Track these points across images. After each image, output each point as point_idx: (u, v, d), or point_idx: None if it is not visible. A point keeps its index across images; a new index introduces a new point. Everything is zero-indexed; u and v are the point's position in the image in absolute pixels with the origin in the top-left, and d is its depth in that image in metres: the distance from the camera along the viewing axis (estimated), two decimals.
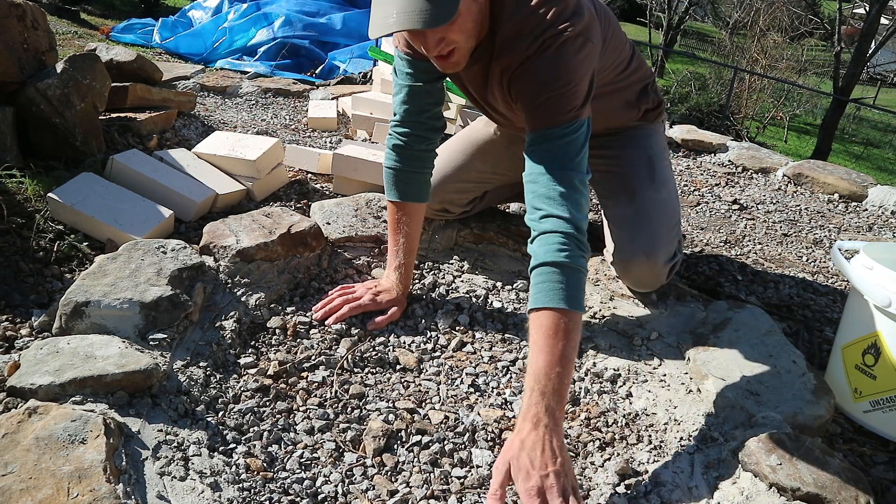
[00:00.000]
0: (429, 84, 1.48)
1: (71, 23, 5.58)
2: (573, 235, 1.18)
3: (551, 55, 1.25)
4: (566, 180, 1.22)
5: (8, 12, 1.90)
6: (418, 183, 1.55)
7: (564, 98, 1.25)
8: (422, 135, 1.52)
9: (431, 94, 1.50)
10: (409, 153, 1.53)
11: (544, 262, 1.17)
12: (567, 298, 1.13)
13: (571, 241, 1.17)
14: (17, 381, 1.11)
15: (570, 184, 1.22)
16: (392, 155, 1.54)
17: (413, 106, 1.49)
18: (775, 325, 1.53)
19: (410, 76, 1.47)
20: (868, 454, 1.36)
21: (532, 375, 1.10)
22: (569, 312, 1.13)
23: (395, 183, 1.54)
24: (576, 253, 1.17)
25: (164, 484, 1.02)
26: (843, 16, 11.87)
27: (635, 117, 1.70)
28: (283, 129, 3.09)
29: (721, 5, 19.03)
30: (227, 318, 1.41)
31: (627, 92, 1.66)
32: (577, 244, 1.18)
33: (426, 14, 1.12)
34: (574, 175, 1.23)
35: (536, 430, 1.06)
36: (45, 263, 1.60)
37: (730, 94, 9.43)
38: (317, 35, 5.07)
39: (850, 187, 2.88)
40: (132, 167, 1.93)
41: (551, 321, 1.12)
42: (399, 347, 1.46)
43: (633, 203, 1.61)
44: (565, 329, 1.11)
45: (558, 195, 1.21)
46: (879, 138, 15.60)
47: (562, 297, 1.13)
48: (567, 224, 1.19)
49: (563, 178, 1.22)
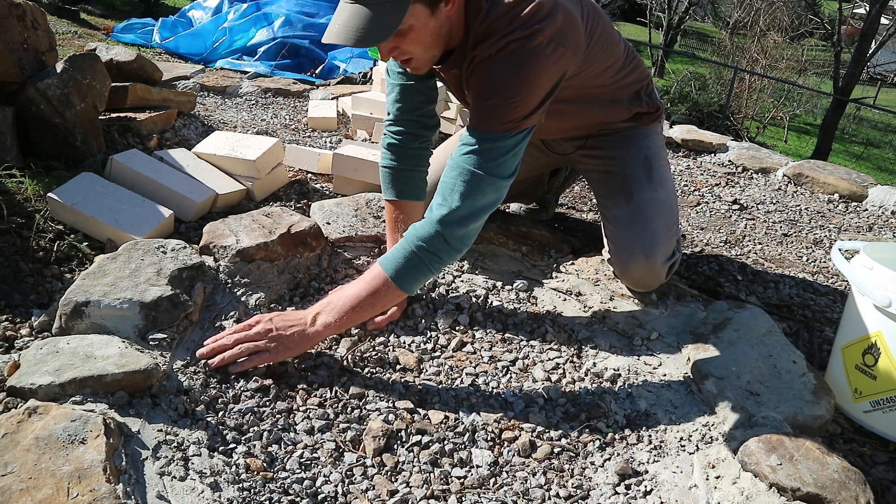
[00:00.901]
0: (420, 82, 1.50)
1: (71, 23, 5.58)
2: (440, 235, 1.28)
3: (512, 59, 1.26)
4: (475, 180, 1.28)
5: (8, 12, 1.90)
6: (414, 181, 1.57)
7: (510, 108, 1.27)
8: (416, 132, 1.54)
9: (423, 92, 1.52)
10: (404, 151, 1.54)
11: (406, 240, 1.31)
12: (397, 274, 1.29)
13: (436, 238, 1.28)
14: (17, 381, 1.11)
15: (476, 185, 1.28)
16: (387, 154, 1.55)
17: (406, 104, 1.52)
18: (775, 325, 1.53)
19: (402, 75, 1.50)
20: (868, 454, 1.36)
21: (338, 292, 1.36)
22: (391, 284, 1.30)
23: (391, 181, 1.55)
24: (432, 247, 1.28)
25: (164, 484, 1.02)
26: (843, 16, 11.87)
27: (625, 117, 1.67)
28: (283, 129, 3.09)
29: (721, 5, 19.04)
30: (227, 318, 1.41)
31: (617, 94, 1.62)
32: (442, 241, 1.28)
33: (360, 32, 1.17)
34: (486, 178, 1.28)
35: (301, 314, 1.33)
36: (45, 263, 1.60)
37: (730, 94, 9.43)
38: (317, 35, 5.06)
39: (850, 187, 2.88)
40: (132, 167, 1.93)
41: (379, 278, 1.31)
42: (399, 347, 1.46)
43: (631, 203, 1.61)
44: (380, 290, 1.31)
45: (453, 190, 1.28)
46: (879, 138, 15.60)
47: (396, 272, 1.29)
48: (442, 225, 1.28)
49: (473, 177, 1.28)
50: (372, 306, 1.33)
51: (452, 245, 1.29)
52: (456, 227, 1.29)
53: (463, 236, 1.30)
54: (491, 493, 1.13)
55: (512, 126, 1.28)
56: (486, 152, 1.28)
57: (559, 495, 1.14)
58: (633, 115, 1.68)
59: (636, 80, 1.65)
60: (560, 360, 1.47)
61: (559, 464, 1.20)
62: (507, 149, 1.29)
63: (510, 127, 1.28)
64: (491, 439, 1.24)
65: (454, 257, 1.32)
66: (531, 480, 1.16)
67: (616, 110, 1.65)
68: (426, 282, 1.42)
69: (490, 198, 1.30)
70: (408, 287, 1.32)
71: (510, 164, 1.31)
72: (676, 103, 11.15)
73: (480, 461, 1.18)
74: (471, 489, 1.13)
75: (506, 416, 1.29)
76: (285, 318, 1.33)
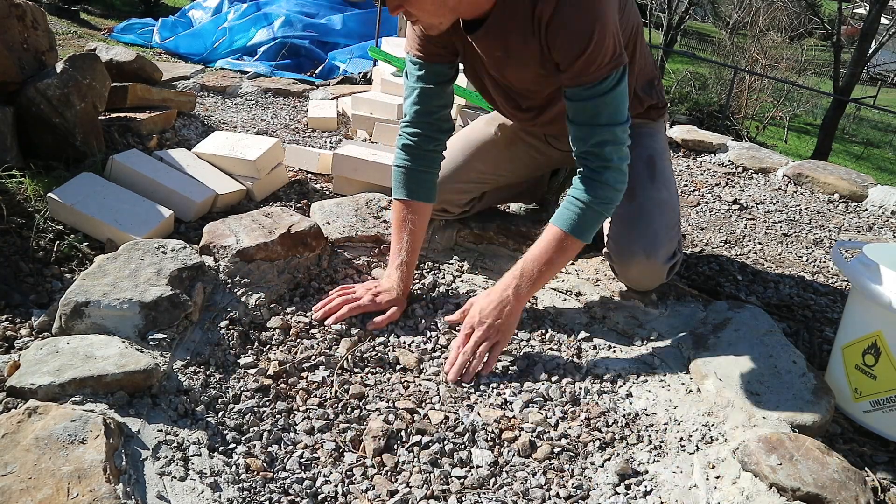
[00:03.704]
0: (438, 87, 1.54)
1: (71, 23, 5.58)
2: (602, 181, 1.39)
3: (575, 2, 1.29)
4: (601, 135, 1.38)
5: (8, 12, 1.90)
6: (427, 182, 1.58)
7: (601, 47, 1.31)
8: (431, 135, 1.56)
9: (441, 96, 1.55)
10: (418, 153, 1.56)
11: (571, 196, 1.42)
12: (574, 228, 1.40)
13: (599, 184, 1.39)
14: (17, 381, 1.11)
15: (611, 135, 1.38)
16: (402, 154, 1.57)
17: (423, 107, 1.54)
18: (775, 325, 1.52)
19: (421, 79, 1.52)
20: (868, 454, 1.36)
21: (523, 261, 1.44)
22: (572, 238, 1.41)
23: (404, 181, 1.57)
24: (598, 196, 1.39)
25: (164, 484, 1.02)
26: (842, 16, 11.87)
27: (637, 110, 1.69)
28: (283, 129, 3.09)
29: (721, 5, 19.03)
30: (227, 318, 1.41)
31: (634, 81, 1.64)
32: (603, 186, 1.39)
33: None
34: (608, 129, 1.37)
35: (501, 293, 1.42)
36: (45, 263, 1.60)
37: (730, 94, 9.42)
38: (317, 35, 5.07)
39: (850, 187, 2.88)
40: (132, 167, 1.93)
41: (557, 236, 1.41)
42: (399, 347, 1.46)
43: (633, 202, 1.61)
44: (564, 246, 1.42)
45: (597, 145, 1.38)
46: (879, 138, 15.60)
47: (570, 225, 1.41)
48: (599, 171, 1.39)
49: (598, 133, 1.38)
50: (560, 267, 1.48)
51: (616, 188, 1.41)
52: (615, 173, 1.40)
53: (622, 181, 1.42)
54: (491, 493, 1.13)
55: (611, 67, 1.34)
56: (595, 106, 1.36)
57: (559, 495, 1.14)
58: (646, 109, 1.70)
59: (649, 69, 1.68)
60: (560, 360, 1.47)
61: (559, 464, 1.20)
62: (616, 95, 1.36)
63: (612, 67, 1.34)
64: (491, 439, 1.24)
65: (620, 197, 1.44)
66: (531, 480, 1.16)
67: (631, 103, 1.67)
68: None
69: (625, 139, 1.40)
70: (586, 237, 1.42)
71: (624, 107, 1.39)
72: (676, 103, 11.15)
73: (480, 461, 1.18)
74: (471, 489, 1.13)
75: (506, 416, 1.29)
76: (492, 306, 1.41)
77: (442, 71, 1.53)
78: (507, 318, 1.41)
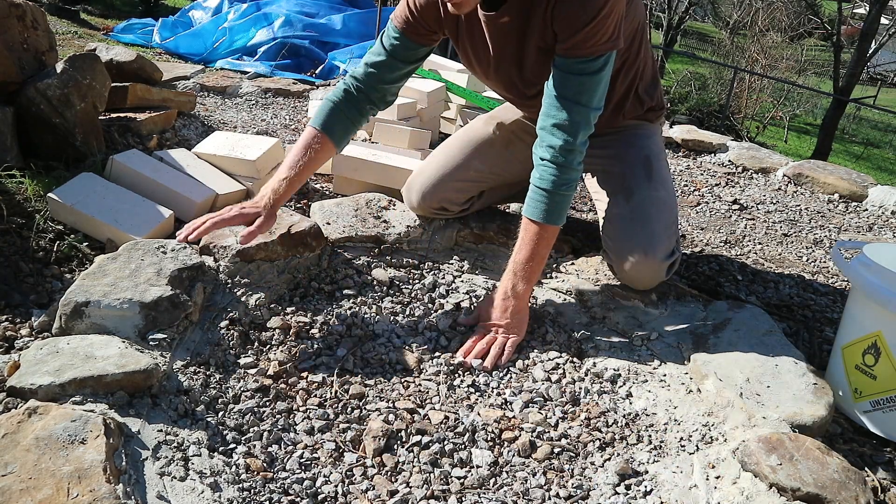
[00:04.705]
0: (404, 64, 1.60)
1: (71, 23, 5.57)
2: (562, 164, 1.43)
3: None
4: (576, 114, 1.41)
5: (8, 12, 1.90)
6: (345, 127, 1.62)
7: (601, 26, 1.35)
8: (371, 97, 1.62)
9: (401, 73, 1.62)
10: (353, 100, 1.62)
11: (536, 186, 1.46)
12: (546, 216, 1.45)
13: (559, 169, 1.43)
14: (17, 382, 1.11)
15: (585, 117, 1.42)
16: (339, 93, 1.61)
17: (380, 74, 1.60)
18: (775, 325, 1.53)
19: (394, 49, 1.59)
20: (868, 454, 1.36)
21: (512, 262, 1.51)
22: (546, 226, 1.46)
23: (328, 114, 1.60)
24: (561, 179, 1.43)
25: (164, 484, 1.02)
26: (842, 16, 11.87)
27: (637, 112, 1.71)
28: (283, 129, 3.09)
29: (721, 5, 19.04)
30: (227, 319, 1.41)
31: (639, 80, 1.67)
32: (565, 169, 1.43)
33: None
34: (584, 110, 1.41)
35: (502, 299, 1.50)
36: (45, 263, 1.60)
37: (730, 94, 9.41)
38: (317, 35, 5.06)
39: (850, 187, 2.88)
40: (132, 167, 1.93)
41: (533, 229, 1.47)
42: (399, 347, 1.46)
43: (631, 202, 1.61)
44: (541, 238, 1.47)
45: (573, 123, 1.42)
46: (879, 138, 15.60)
47: (543, 215, 1.45)
48: (559, 154, 1.43)
49: (574, 111, 1.41)
50: (546, 254, 1.52)
51: (577, 169, 1.45)
52: (577, 156, 1.45)
53: (581, 161, 1.46)
54: (491, 493, 1.13)
55: (607, 46, 1.39)
56: (580, 84, 1.40)
57: (559, 495, 1.14)
58: (645, 111, 1.72)
59: (653, 66, 1.70)
60: (560, 360, 1.47)
61: (559, 464, 1.20)
62: (599, 78, 1.41)
63: (608, 47, 1.39)
64: (491, 439, 1.24)
65: (579, 175, 1.48)
66: (531, 480, 1.16)
67: (633, 104, 1.69)
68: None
69: (592, 126, 1.45)
70: (560, 221, 1.48)
71: (602, 94, 1.44)
72: (676, 103, 11.15)
73: (480, 461, 1.18)
74: (471, 489, 1.13)
75: (506, 416, 1.29)
76: (499, 311, 1.49)
77: (415, 50, 1.59)
78: (513, 316, 1.49)
